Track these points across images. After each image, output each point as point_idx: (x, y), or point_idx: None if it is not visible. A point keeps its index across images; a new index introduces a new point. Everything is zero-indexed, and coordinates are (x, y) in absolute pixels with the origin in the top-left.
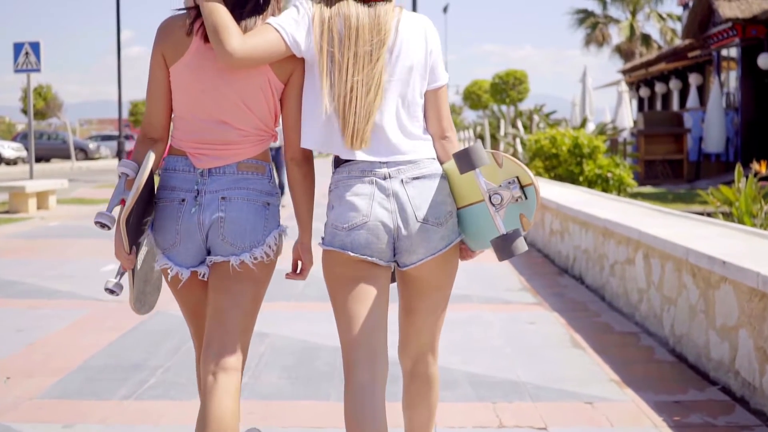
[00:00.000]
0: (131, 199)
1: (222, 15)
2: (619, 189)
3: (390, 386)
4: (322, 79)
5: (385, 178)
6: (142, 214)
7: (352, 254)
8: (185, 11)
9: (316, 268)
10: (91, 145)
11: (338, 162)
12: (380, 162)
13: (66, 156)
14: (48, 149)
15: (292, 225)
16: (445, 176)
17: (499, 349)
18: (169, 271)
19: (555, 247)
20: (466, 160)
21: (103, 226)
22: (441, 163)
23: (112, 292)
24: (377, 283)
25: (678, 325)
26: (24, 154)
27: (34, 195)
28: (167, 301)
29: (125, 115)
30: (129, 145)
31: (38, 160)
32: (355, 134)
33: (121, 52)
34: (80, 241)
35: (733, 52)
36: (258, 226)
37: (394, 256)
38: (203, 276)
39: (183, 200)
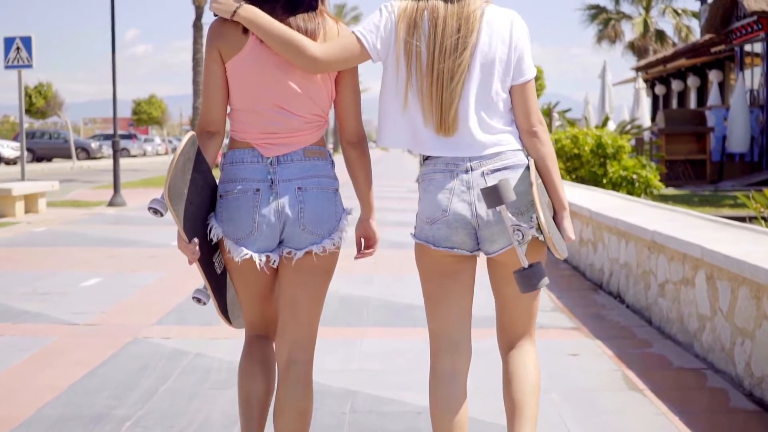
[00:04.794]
0: (168, 173)
1: (285, 30)
2: (645, 191)
3: None
4: (408, 73)
5: (467, 171)
6: (204, 207)
7: (434, 248)
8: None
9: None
10: (93, 145)
11: (425, 156)
12: (463, 156)
13: (68, 155)
14: (50, 148)
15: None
16: (528, 168)
17: (541, 392)
18: (254, 259)
19: (586, 259)
20: (494, 197)
21: (156, 212)
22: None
23: (198, 300)
24: (461, 275)
25: (757, 364)
26: (24, 153)
27: (21, 198)
28: (146, 326)
29: (128, 113)
30: (123, 144)
31: (40, 159)
32: (443, 121)
33: (115, 49)
34: (65, 251)
35: (758, 47)
36: (331, 212)
37: (478, 245)
38: (274, 263)
39: (258, 190)
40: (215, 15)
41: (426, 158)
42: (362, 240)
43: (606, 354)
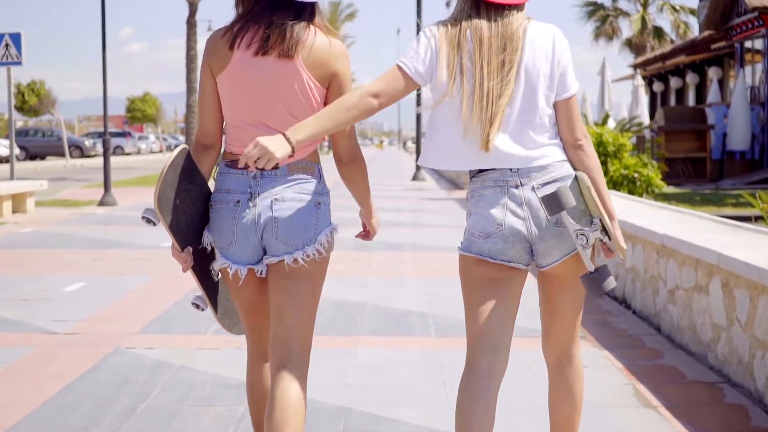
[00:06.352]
0: (157, 185)
1: (332, 107)
2: (647, 190)
3: None
4: (450, 91)
5: (516, 187)
6: (200, 217)
7: (491, 261)
8: (229, 25)
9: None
10: (87, 143)
11: (473, 172)
12: (510, 170)
13: (62, 153)
14: (43, 146)
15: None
16: (576, 178)
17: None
18: (228, 269)
19: None
20: (554, 203)
21: (149, 221)
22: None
23: (197, 306)
24: (510, 286)
25: None
26: (17, 151)
27: (9, 197)
28: (129, 335)
29: (122, 111)
30: (118, 142)
31: (33, 157)
32: (488, 138)
33: (106, 46)
34: (51, 253)
35: (759, 43)
36: (310, 224)
37: (532, 258)
38: (260, 273)
39: (238, 202)
40: (265, 169)
41: (474, 174)
42: (364, 223)
43: (615, 366)
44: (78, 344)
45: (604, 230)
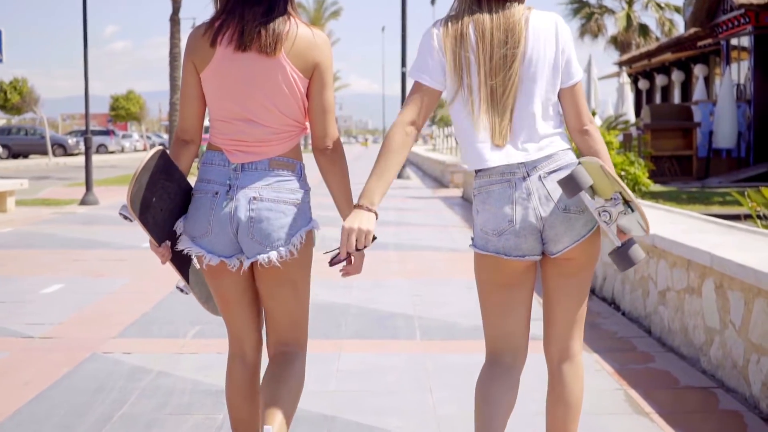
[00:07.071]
0: (130, 186)
1: (381, 161)
2: (634, 189)
3: None
4: (459, 86)
5: (524, 178)
6: (178, 212)
7: (506, 257)
8: (209, 21)
9: None
10: (71, 141)
11: (478, 168)
12: (518, 163)
13: (45, 152)
14: (26, 145)
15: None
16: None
17: (541, 415)
18: (204, 258)
19: None
20: (572, 185)
21: (125, 218)
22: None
23: (181, 291)
24: (526, 283)
25: None
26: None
27: None
28: (107, 339)
29: (106, 109)
30: (101, 140)
31: (16, 156)
32: (498, 133)
33: (87, 43)
34: (29, 253)
35: (745, 41)
36: (285, 225)
37: (543, 246)
38: (232, 268)
39: (216, 193)
40: (352, 251)
41: (479, 170)
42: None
43: (605, 370)
44: (53, 349)
45: (626, 203)
